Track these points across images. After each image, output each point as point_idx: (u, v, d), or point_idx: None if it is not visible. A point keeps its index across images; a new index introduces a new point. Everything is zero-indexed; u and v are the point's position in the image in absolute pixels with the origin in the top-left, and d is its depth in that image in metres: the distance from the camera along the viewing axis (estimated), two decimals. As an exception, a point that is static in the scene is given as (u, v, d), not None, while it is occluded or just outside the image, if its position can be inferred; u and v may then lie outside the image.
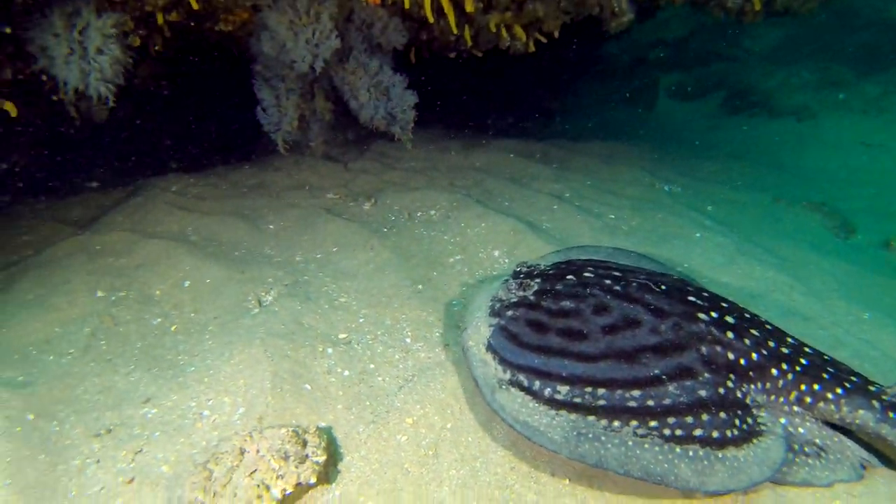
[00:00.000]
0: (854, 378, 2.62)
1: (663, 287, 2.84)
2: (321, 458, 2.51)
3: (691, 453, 2.26)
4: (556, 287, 2.90)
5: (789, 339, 2.77)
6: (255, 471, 2.44)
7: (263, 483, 2.41)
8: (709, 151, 9.46)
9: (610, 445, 2.29)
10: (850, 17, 16.23)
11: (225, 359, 3.17)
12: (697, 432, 2.32)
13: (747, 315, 2.84)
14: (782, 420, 2.53)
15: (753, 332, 2.69)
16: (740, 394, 2.51)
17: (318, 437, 2.59)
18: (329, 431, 2.73)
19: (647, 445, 2.28)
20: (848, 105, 13.77)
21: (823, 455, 2.48)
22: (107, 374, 3.24)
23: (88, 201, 5.85)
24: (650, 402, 2.39)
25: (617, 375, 2.48)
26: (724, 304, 2.85)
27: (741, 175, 7.85)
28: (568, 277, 2.96)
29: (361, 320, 3.55)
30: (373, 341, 3.34)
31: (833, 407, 2.52)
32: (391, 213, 5.13)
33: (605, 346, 2.58)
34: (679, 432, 2.31)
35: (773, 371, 2.58)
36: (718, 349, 2.58)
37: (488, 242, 4.54)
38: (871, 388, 2.58)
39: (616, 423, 2.35)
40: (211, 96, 6.84)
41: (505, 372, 2.61)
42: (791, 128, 12.63)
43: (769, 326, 2.82)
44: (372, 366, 3.16)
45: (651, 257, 3.96)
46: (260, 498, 2.38)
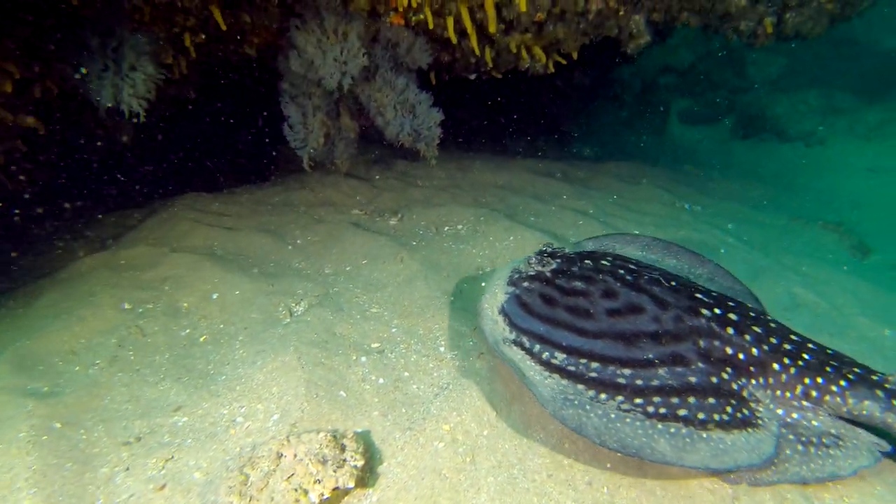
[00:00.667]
0: (857, 370, 2.63)
1: (673, 283, 2.94)
2: (359, 462, 2.46)
3: (673, 430, 2.32)
4: (571, 269, 3.05)
5: (793, 337, 2.79)
6: (293, 475, 2.39)
7: (301, 487, 2.35)
8: (723, 173, 9.53)
9: (592, 415, 2.38)
10: (848, 46, 16.53)
11: (257, 367, 3.13)
12: (682, 412, 2.38)
13: (752, 314, 2.87)
14: (794, 415, 2.56)
15: (756, 329, 2.73)
16: (736, 386, 2.56)
17: (356, 441, 2.54)
18: (366, 436, 2.68)
19: (628, 420, 2.35)
20: (853, 131, 13.93)
21: (842, 444, 2.49)
22: (135, 384, 3.21)
23: (108, 220, 5.89)
24: (638, 382, 2.49)
25: (612, 353, 2.60)
26: (730, 304, 2.89)
27: (757, 195, 7.89)
28: (585, 262, 3.10)
29: (394, 330, 3.51)
30: (406, 350, 3.30)
31: (839, 399, 2.54)
32: (418, 227, 5.12)
33: (607, 326, 2.71)
34: (663, 410, 2.38)
35: (775, 366, 2.62)
36: (716, 343, 2.66)
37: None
38: (874, 377, 2.60)
39: (603, 396, 2.45)
40: (233, 115, 6.97)
41: (511, 332, 2.78)
42: (801, 152, 12.75)
43: (773, 325, 2.85)
44: (406, 374, 3.12)
45: (689, 249, 3.96)
46: (297, 502, 2.34)
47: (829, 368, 2.61)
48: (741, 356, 2.64)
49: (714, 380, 2.54)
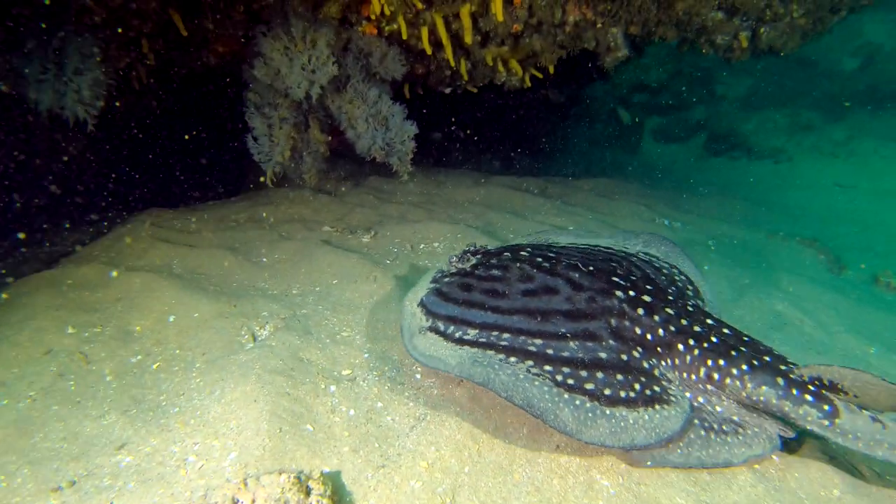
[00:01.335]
0: (766, 357, 2.57)
1: (591, 269, 2.98)
2: (327, 508, 2.20)
3: (577, 402, 2.33)
4: (490, 261, 3.14)
5: (708, 321, 2.77)
6: (251, 526, 2.12)
7: (261, 540, 2.09)
8: (697, 189, 9.57)
9: (501, 373, 2.41)
10: (809, 67, 17.14)
11: (215, 398, 2.83)
12: (589, 386, 2.39)
13: (670, 298, 2.90)
14: (700, 399, 2.56)
15: (668, 310, 2.74)
16: (648, 365, 2.56)
17: (323, 483, 2.26)
18: (335, 477, 2.40)
19: (537, 383, 2.37)
20: (819, 148, 14.29)
21: (741, 431, 2.49)
22: (73, 419, 2.86)
23: (56, 238, 5.50)
24: (549, 351, 2.52)
25: (524, 327, 2.64)
26: (648, 287, 2.92)
27: (733, 212, 7.89)
28: (504, 254, 3.18)
29: (367, 356, 3.23)
30: (380, 378, 3.02)
31: (738, 383, 2.50)
32: (392, 245, 4.87)
33: (521, 305, 2.75)
34: (571, 382, 2.40)
35: (680, 346, 2.62)
36: (627, 323, 2.69)
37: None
38: (781, 366, 2.53)
39: (512, 359, 2.48)
40: (197, 128, 6.66)
41: (427, 320, 2.79)
42: (770, 169, 13.00)
43: (691, 308, 2.86)
44: (380, 404, 2.84)
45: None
46: (256, 559, 2.05)
47: (734, 353, 2.56)
48: (649, 336, 2.66)
49: (624, 357, 2.55)
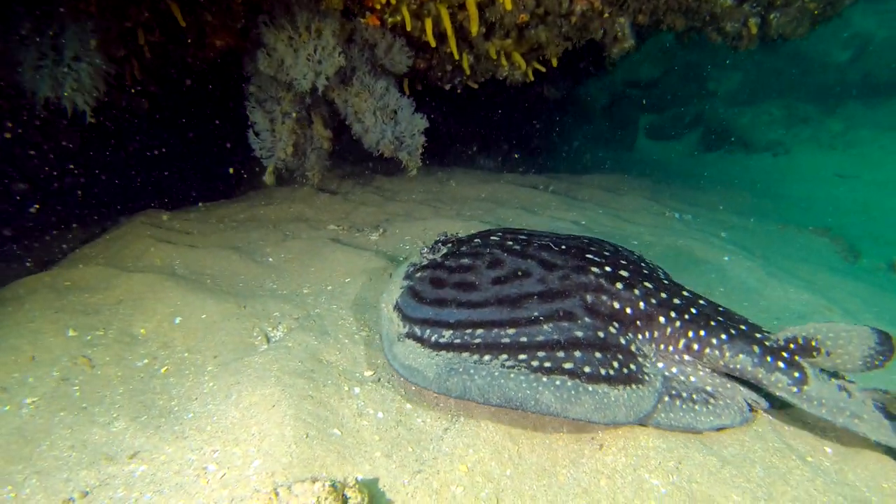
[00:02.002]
0: (743, 327, 2.62)
1: (563, 247, 2.96)
2: (366, 518, 2.04)
3: (558, 382, 2.30)
4: (461, 249, 3.11)
5: (685, 293, 2.79)
6: (285, 539, 1.95)
7: (297, 554, 1.92)
8: (700, 183, 9.51)
9: (477, 377, 2.36)
10: (800, 60, 17.18)
11: (232, 402, 2.65)
12: (567, 365, 2.36)
13: (646, 272, 2.90)
14: (673, 369, 2.59)
15: (647, 284, 2.74)
16: (624, 341, 2.55)
17: (360, 492, 2.09)
18: (371, 485, 2.23)
19: (512, 375, 2.34)
20: (817, 140, 14.29)
21: (712, 402, 2.52)
22: (81, 426, 2.67)
23: (52, 239, 5.28)
24: (523, 339, 2.48)
25: (497, 317, 2.59)
26: (622, 262, 2.91)
27: (740, 204, 7.84)
28: (475, 241, 3.16)
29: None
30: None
31: (717, 353, 2.55)
32: (403, 242, 4.71)
33: (493, 294, 2.70)
34: (548, 364, 2.37)
35: (661, 319, 2.63)
36: (604, 298, 2.65)
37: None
38: (757, 335, 2.58)
39: (487, 357, 2.43)
40: (196, 126, 6.45)
41: (404, 326, 2.72)
42: (769, 162, 12.97)
43: (667, 282, 2.87)
44: (409, 406, 2.68)
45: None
46: (293, 575, 1.88)
47: (713, 322, 2.60)
48: (628, 310, 2.64)
49: (601, 334, 2.53)
